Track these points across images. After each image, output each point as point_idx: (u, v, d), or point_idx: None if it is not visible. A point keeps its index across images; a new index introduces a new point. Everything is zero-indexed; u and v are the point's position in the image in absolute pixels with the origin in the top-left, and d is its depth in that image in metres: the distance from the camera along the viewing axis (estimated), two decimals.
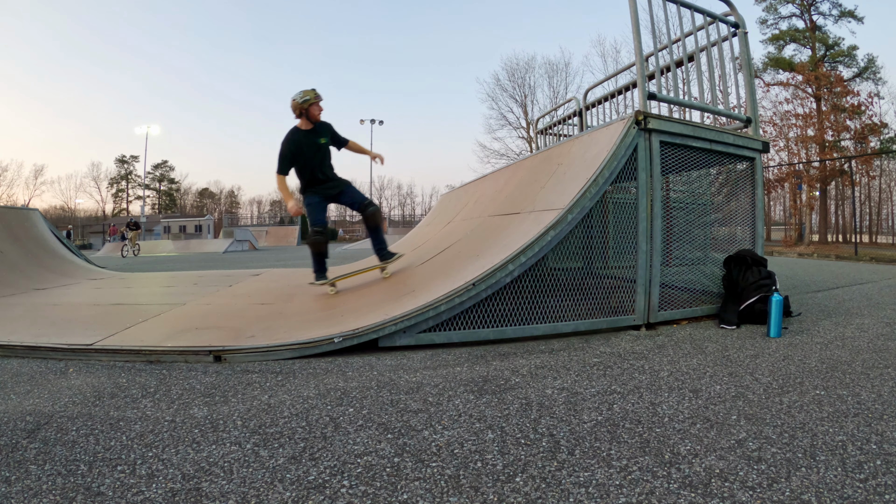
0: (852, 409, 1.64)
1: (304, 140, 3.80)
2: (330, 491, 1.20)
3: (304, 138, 3.80)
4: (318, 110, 3.79)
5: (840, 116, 18.54)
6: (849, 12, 20.58)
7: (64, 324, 3.11)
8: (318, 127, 3.85)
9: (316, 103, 3.76)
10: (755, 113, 3.57)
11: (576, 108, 6.08)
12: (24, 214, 6.32)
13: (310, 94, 3.74)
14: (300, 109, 3.75)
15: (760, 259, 3.16)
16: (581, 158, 3.22)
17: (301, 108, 3.74)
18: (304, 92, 3.74)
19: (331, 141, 3.94)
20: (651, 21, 3.45)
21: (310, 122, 3.80)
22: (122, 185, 56.97)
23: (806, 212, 17.20)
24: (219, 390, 1.96)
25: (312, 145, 3.83)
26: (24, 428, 1.59)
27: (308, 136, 3.81)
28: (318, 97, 3.78)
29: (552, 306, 2.76)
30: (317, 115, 3.80)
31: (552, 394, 1.86)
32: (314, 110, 3.77)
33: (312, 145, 3.83)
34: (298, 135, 3.80)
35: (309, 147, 3.82)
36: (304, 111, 3.75)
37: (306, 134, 3.81)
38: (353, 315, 2.94)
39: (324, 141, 3.87)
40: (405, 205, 59.17)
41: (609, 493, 1.16)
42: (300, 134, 3.80)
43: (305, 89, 3.76)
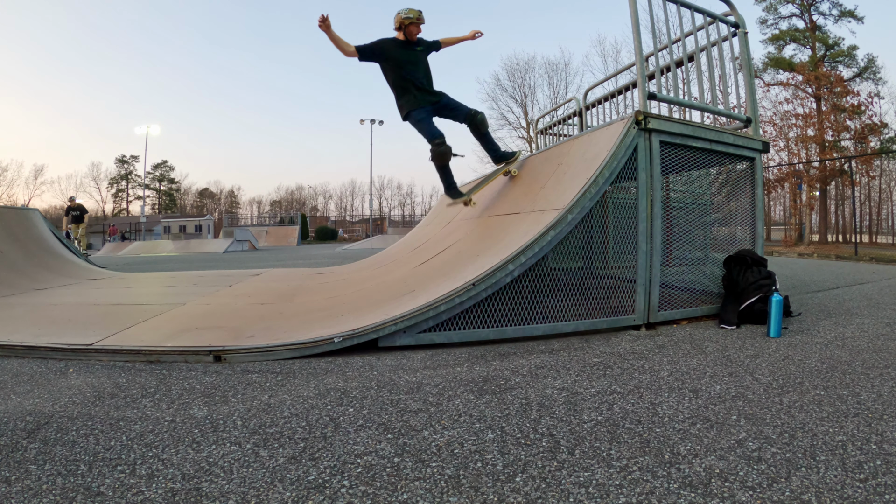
0: (852, 409, 1.64)
1: (399, 46, 3.91)
2: (330, 491, 1.20)
3: (399, 46, 3.91)
4: (416, 30, 3.93)
5: (840, 116, 18.54)
6: (849, 12, 20.59)
7: (64, 324, 3.11)
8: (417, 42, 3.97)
9: (416, 24, 3.90)
10: (755, 113, 3.57)
11: (576, 108, 6.08)
12: (24, 214, 6.32)
13: (414, 13, 3.89)
14: (400, 23, 3.90)
15: (760, 259, 3.16)
16: (581, 158, 3.23)
17: (402, 23, 3.89)
18: (409, 10, 3.89)
19: (426, 49, 4.03)
20: (651, 21, 3.45)
21: (406, 37, 3.92)
22: (122, 185, 57.01)
23: (806, 212, 17.19)
24: (219, 390, 1.96)
25: (409, 54, 3.93)
26: (24, 428, 1.59)
27: (403, 45, 3.92)
28: (421, 19, 3.92)
29: (552, 306, 2.76)
30: (414, 34, 3.93)
31: (552, 394, 1.86)
32: (413, 29, 3.91)
33: (409, 54, 3.93)
34: (394, 41, 3.91)
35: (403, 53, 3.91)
36: (403, 26, 3.89)
37: (402, 43, 3.92)
38: (353, 315, 2.94)
39: (420, 49, 3.98)
40: (405, 205, 59.24)
41: (609, 493, 1.16)
42: (395, 41, 3.92)
43: (412, 7, 3.91)
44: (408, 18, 3.86)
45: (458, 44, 4.33)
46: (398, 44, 3.91)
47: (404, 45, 3.92)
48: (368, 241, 23.57)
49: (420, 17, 3.90)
